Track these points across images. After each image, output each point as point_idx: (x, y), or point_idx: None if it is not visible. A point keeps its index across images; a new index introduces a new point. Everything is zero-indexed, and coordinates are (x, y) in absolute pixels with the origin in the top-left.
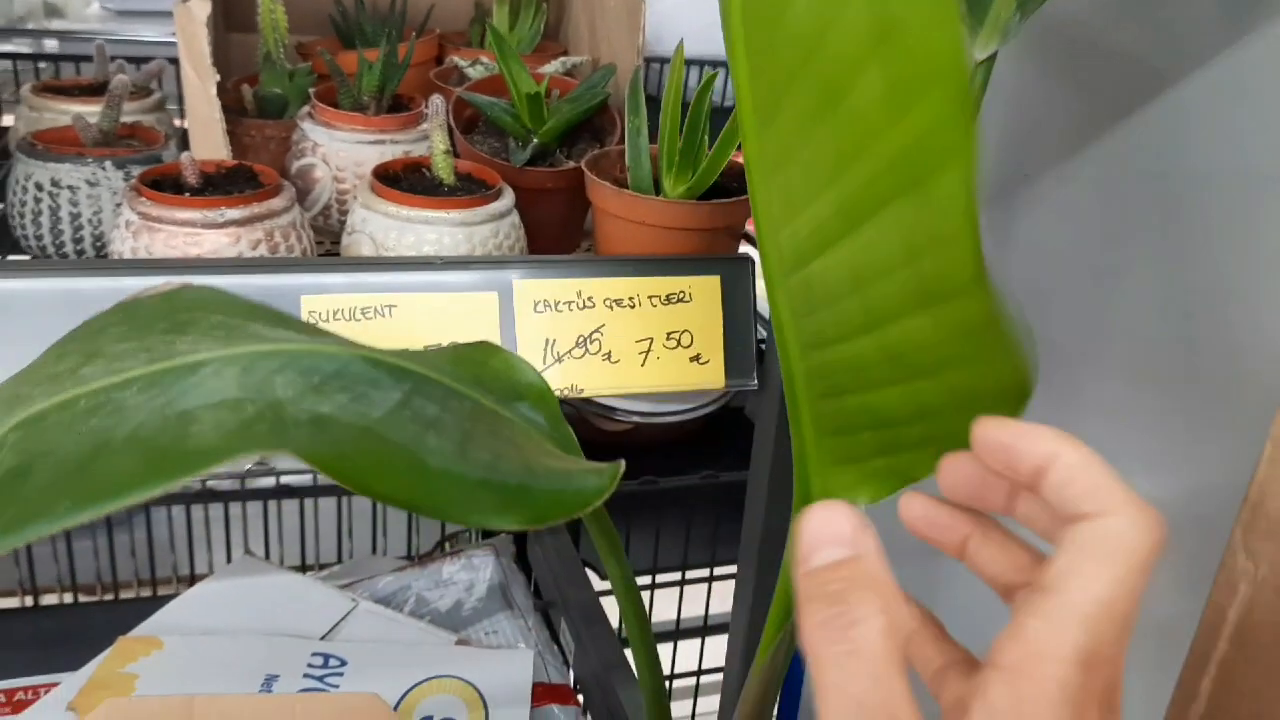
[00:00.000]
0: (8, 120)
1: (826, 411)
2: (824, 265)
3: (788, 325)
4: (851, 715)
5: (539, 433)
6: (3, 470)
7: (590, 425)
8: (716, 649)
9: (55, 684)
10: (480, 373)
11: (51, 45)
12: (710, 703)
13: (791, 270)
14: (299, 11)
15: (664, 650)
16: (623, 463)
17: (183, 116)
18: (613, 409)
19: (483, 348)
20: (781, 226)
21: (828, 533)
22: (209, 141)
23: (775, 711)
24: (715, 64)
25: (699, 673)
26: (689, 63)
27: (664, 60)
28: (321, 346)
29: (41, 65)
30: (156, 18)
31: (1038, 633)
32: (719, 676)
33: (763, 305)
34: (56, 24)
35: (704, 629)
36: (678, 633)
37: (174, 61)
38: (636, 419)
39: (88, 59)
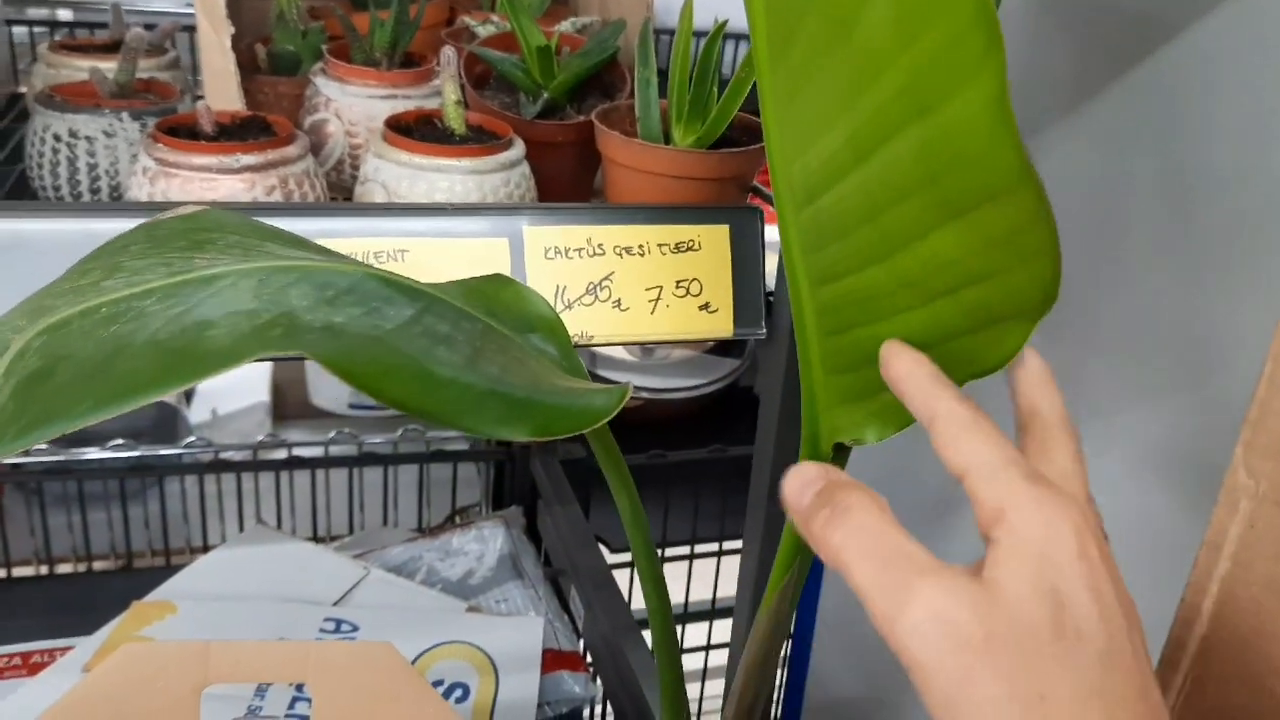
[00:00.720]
0: (26, 89)
1: (835, 348)
2: (836, 196)
3: (798, 261)
4: (877, 569)
5: (549, 360)
6: (28, 373)
7: None
8: (726, 628)
9: (70, 647)
10: (492, 304)
11: (66, 16)
12: (717, 686)
13: (803, 204)
14: None
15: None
16: (631, 385)
17: (197, 83)
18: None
19: (495, 280)
20: (793, 160)
21: (802, 481)
22: (224, 93)
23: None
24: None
25: (708, 648)
26: (695, 34)
27: (671, 32)
28: (336, 265)
29: (58, 36)
30: None
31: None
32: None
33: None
34: None
35: (713, 605)
36: (686, 614)
37: (188, 29)
38: (646, 395)
39: (102, 25)
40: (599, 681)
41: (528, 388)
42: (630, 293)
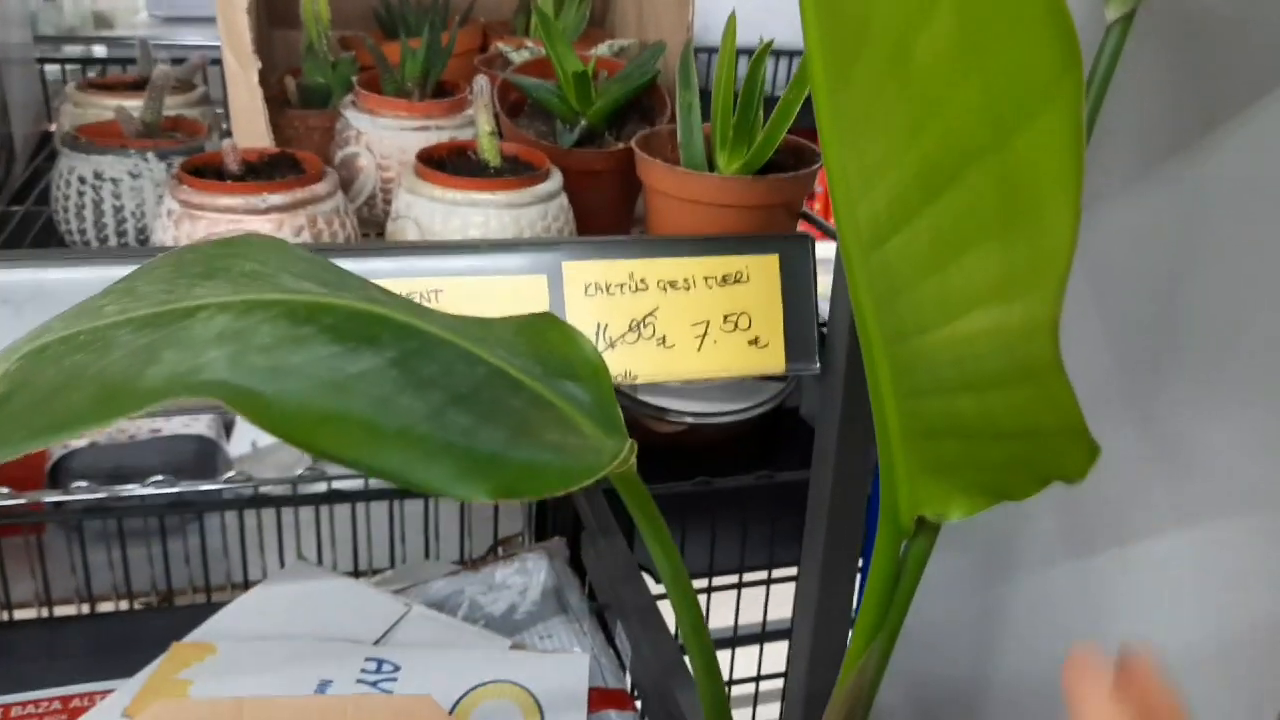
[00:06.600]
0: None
1: (916, 412)
2: (907, 239)
3: (869, 313)
4: None
5: (578, 410)
6: None
7: (643, 426)
8: (776, 654)
9: (110, 690)
10: (539, 344)
11: (100, 52)
12: (771, 710)
13: (870, 248)
14: (342, 7)
15: (723, 657)
16: (631, 444)
17: (228, 117)
18: (665, 410)
19: (544, 319)
20: (858, 200)
21: None
22: (251, 130)
23: None
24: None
25: (758, 678)
26: (738, 52)
27: (710, 50)
28: (335, 300)
29: (91, 72)
30: (203, 24)
31: None
32: (779, 683)
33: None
34: (105, 32)
35: (762, 634)
36: (735, 639)
37: (217, 63)
38: (690, 420)
39: (135, 61)
40: None
41: (499, 443)
42: (675, 329)
